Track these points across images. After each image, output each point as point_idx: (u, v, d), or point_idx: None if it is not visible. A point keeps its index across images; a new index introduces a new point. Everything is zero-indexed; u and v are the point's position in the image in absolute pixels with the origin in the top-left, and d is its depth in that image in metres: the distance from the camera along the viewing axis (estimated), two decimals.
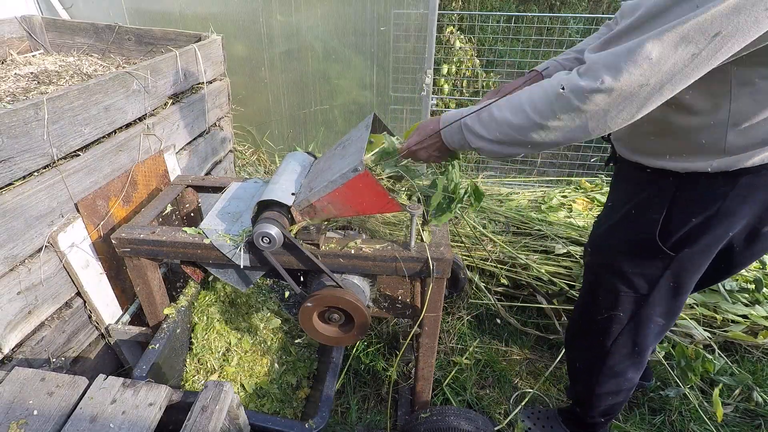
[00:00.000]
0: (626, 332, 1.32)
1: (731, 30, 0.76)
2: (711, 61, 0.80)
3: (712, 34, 0.76)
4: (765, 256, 2.33)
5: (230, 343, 1.70)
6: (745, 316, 2.06)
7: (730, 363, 1.95)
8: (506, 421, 1.72)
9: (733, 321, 2.06)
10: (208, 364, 1.62)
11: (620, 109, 0.87)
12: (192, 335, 1.62)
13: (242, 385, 1.65)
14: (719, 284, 2.13)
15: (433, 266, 1.24)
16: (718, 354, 1.94)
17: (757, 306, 2.08)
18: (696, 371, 1.79)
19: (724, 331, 2.03)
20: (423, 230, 1.31)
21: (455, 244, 2.40)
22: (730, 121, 0.96)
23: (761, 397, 1.85)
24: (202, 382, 1.59)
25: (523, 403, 1.82)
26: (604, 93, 0.85)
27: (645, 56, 0.80)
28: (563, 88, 0.90)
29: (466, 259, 2.34)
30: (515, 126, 1.00)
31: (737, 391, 1.89)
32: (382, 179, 1.30)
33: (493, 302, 2.22)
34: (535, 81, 1.39)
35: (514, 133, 1.01)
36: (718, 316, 2.06)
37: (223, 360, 1.67)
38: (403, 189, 1.34)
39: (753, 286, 2.12)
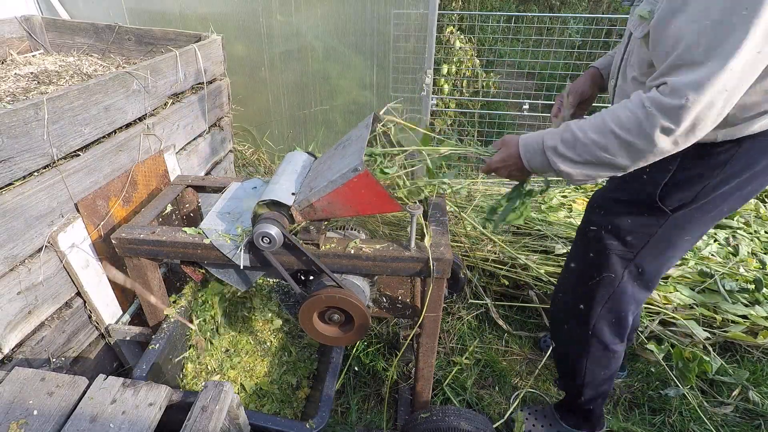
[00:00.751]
0: (611, 298, 1.35)
1: None
2: None
3: None
4: (765, 256, 2.33)
5: (230, 344, 1.70)
6: (745, 317, 2.06)
7: (725, 364, 1.95)
8: (503, 420, 1.72)
9: (732, 321, 2.06)
10: (209, 365, 1.62)
11: (706, 121, 0.92)
12: (192, 335, 1.62)
13: (242, 385, 1.65)
14: (719, 284, 2.13)
15: (433, 266, 1.24)
16: (713, 356, 1.94)
17: (757, 306, 2.08)
18: (692, 373, 1.79)
19: (724, 331, 2.03)
20: (425, 232, 1.30)
21: (455, 244, 2.40)
22: None
23: (756, 396, 1.85)
24: (203, 382, 1.59)
25: (519, 399, 1.82)
26: (691, 109, 0.90)
27: (724, 67, 0.86)
28: (649, 109, 0.94)
29: (466, 259, 2.34)
30: (602, 146, 1.02)
31: (737, 391, 1.89)
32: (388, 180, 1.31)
33: (490, 304, 2.22)
34: (593, 77, 1.45)
35: (601, 153, 1.02)
36: (717, 317, 2.06)
37: (223, 360, 1.67)
38: (404, 189, 1.34)
39: (753, 286, 2.12)
